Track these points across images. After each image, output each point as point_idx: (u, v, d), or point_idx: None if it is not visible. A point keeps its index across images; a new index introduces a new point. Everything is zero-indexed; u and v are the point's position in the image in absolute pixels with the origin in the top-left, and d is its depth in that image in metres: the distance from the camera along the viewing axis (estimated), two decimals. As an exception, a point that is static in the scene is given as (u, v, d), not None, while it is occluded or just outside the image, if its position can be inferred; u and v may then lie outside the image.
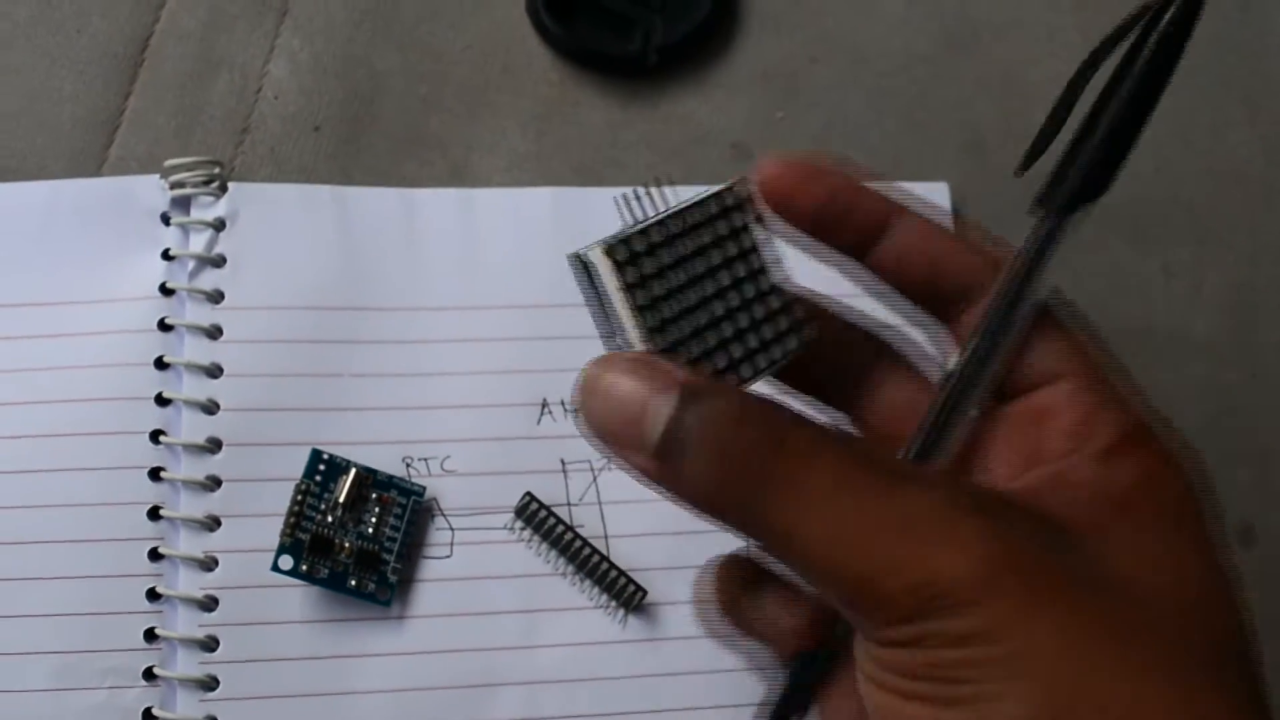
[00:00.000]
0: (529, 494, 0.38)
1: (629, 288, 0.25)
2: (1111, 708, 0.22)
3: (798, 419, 0.23)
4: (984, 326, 0.27)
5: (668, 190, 0.26)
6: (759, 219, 0.27)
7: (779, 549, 0.23)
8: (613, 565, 0.37)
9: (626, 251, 0.25)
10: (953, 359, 0.27)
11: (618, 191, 0.42)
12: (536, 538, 0.38)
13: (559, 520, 0.38)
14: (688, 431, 0.23)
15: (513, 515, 0.38)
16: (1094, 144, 0.26)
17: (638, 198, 0.26)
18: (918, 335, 0.29)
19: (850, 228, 0.28)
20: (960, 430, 0.27)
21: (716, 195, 0.26)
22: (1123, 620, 0.23)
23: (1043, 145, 0.27)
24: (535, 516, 0.38)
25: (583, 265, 0.25)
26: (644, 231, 0.25)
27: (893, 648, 0.22)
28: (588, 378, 0.24)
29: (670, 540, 0.38)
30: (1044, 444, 0.27)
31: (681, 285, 0.25)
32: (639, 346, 0.25)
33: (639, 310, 0.25)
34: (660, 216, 0.26)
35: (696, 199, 0.26)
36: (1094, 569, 0.23)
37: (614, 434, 0.24)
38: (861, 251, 0.28)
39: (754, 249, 0.27)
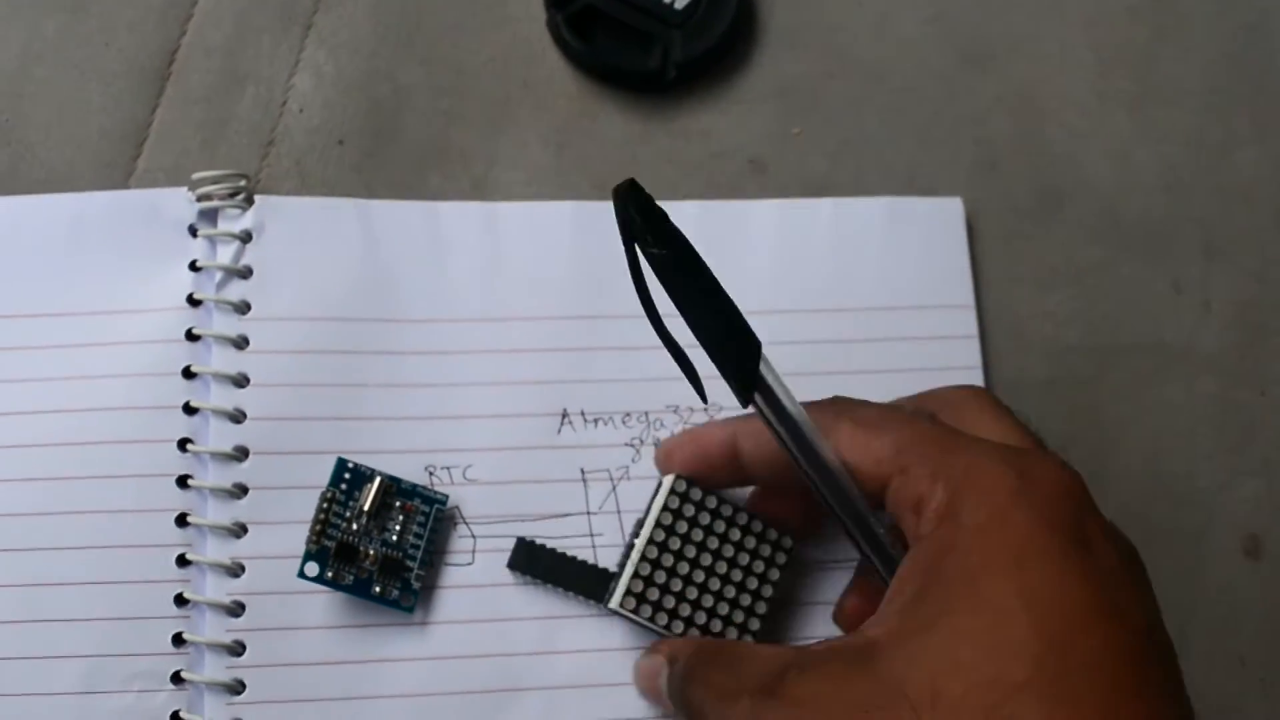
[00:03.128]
0: (520, 540, 0.38)
1: (647, 625, 0.36)
2: None
3: (714, 684, 0.32)
4: (825, 495, 0.33)
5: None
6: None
7: None
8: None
9: (634, 601, 0.36)
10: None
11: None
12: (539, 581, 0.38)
13: (560, 555, 0.38)
14: (671, 692, 0.34)
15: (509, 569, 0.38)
16: (707, 345, 0.29)
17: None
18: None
19: (712, 465, 0.36)
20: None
21: (661, 494, 0.36)
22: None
23: (693, 376, 0.30)
24: (537, 556, 0.38)
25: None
26: (635, 576, 0.36)
27: None
28: (635, 666, 0.37)
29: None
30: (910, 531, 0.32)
31: (682, 583, 0.36)
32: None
33: (667, 630, 0.36)
34: (639, 545, 0.36)
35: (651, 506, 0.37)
36: (879, 687, 0.27)
37: (652, 701, 0.37)
38: (740, 475, 0.36)
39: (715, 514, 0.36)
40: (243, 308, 0.39)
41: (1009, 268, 0.43)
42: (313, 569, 0.37)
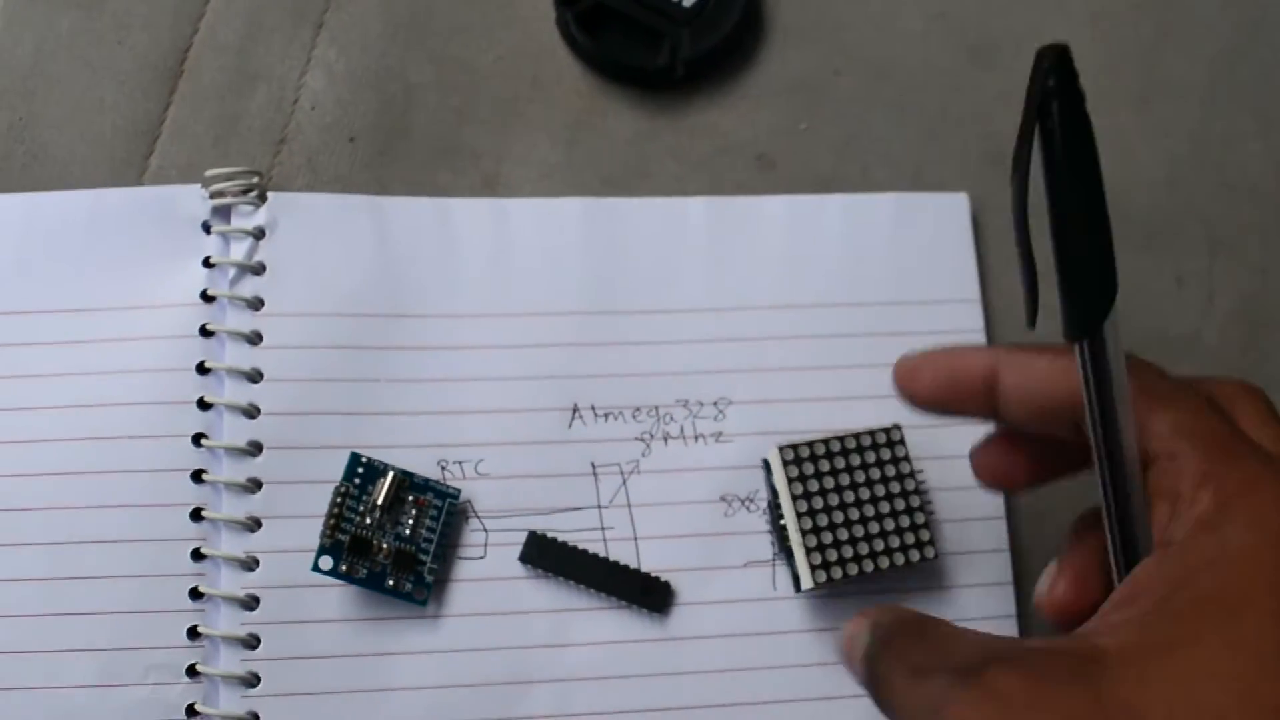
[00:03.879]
0: (532, 534, 0.39)
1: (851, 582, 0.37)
2: None
3: (908, 657, 0.28)
4: (1102, 471, 0.29)
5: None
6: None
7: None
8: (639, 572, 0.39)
9: (824, 574, 0.37)
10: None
11: (645, 201, 0.43)
12: (551, 574, 0.39)
13: (571, 548, 0.39)
14: (865, 659, 0.30)
15: (520, 563, 0.39)
16: (1070, 263, 0.27)
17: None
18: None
19: (962, 392, 0.32)
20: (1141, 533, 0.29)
21: (777, 470, 0.37)
22: None
23: (1032, 286, 0.28)
24: (549, 550, 0.38)
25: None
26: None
27: None
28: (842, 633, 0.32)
29: (699, 541, 0.39)
30: (1161, 529, 0.28)
31: (848, 533, 0.37)
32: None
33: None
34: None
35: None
36: (1099, 706, 0.24)
37: (849, 669, 0.31)
38: (991, 409, 0.32)
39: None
40: (256, 303, 0.40)
41: (1015, 262, 0.43)
42: (327, 563, 0.37)
